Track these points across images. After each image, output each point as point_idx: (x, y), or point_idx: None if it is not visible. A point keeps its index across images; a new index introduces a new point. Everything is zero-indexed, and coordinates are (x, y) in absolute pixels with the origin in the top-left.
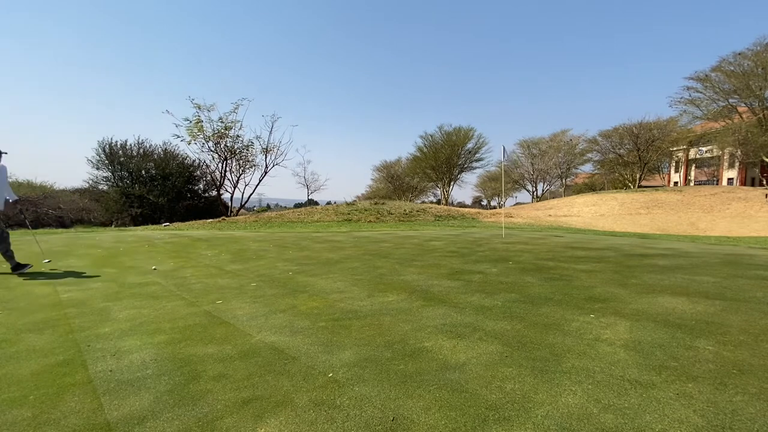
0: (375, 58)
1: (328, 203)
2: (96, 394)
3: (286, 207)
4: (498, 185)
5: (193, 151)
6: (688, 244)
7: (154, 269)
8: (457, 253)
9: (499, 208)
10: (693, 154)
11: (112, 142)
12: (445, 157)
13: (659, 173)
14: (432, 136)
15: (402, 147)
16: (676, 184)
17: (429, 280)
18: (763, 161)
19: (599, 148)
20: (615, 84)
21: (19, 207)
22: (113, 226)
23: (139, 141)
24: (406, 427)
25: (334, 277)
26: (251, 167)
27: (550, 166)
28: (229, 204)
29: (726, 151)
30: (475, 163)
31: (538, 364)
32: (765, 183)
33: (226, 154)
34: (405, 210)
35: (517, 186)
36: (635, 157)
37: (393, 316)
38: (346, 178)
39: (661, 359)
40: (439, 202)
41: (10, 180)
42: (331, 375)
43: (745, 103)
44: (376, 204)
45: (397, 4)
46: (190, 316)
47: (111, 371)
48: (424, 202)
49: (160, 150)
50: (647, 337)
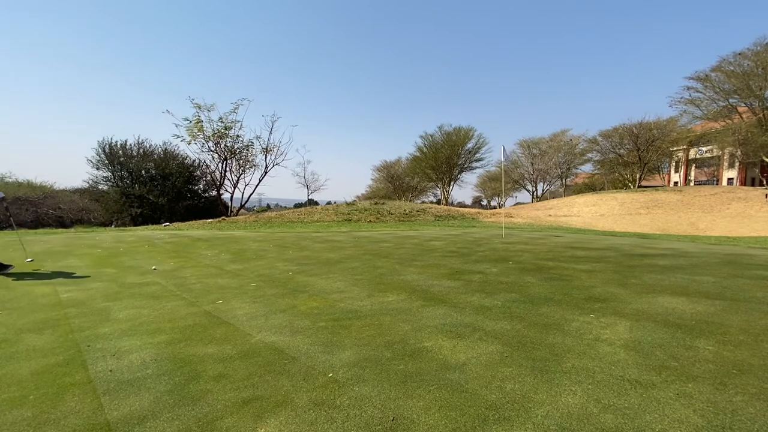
0: (375, 58)
1: (328, 203)
2: (96, 394)
3: (286, 207)
4: (498, 185)
5: (193, 151)
6: (688, 244)
7: (154, 269)
8: (457, 253)
9: (499, 208)
10: (693, 154)
11: (112, 142)
12: (445, 157)
13: (659, 173)
14: (432, 136)
15: (402, 147)
16: (676, 184)
17: (429, 280)
18: (763, 161)
19: (599, 148)
20: (615, 84)
21: (5, 204)
22: (113, 226)
23: (139, 141)
24: (406, 427)
25: (334, 277)
26: (251, 167)
27: (550, 166)
28: (229, 204)
29: (726, 151)
30: (475, 163)
31: (538, 364)
32: (765, 183)
33: (226, 154)
34: (405, 210)
35: (517, 186)
36: (635, 157)
37: (393, 316)
38: (346, 178)
39: (661, 359)
40: (439, 202)
41: (10, 180)
42: (331, 375)
43: (745, 103)
44: (376, 204)
45: (397, 4)
46: (190, 316)
47: (111, 371)
48: (424, 202)
49: (160, 150)
50: (647, 337)
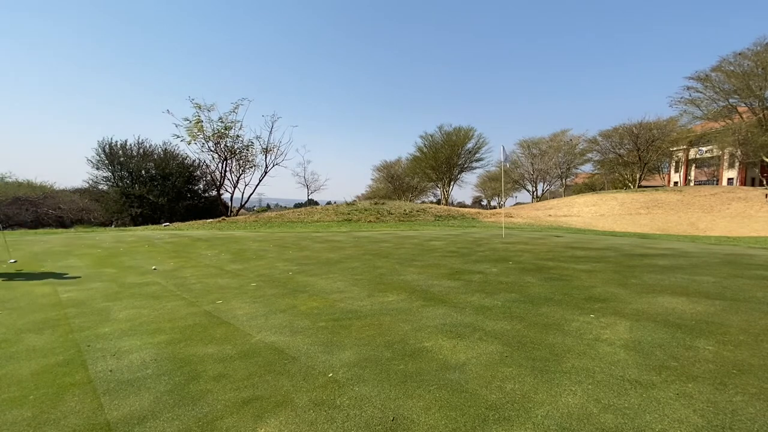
0: (375, 58)
1: (328, 203)
2: (96, 394)
3: (286, 207)
4: (498, 185)
5: (193, 151)
6: (688, 244)
7: (154, 269)
8: (457, 253)
9: (499, 208)
10: (693, 154)
11: (112, 142)
12: (445, 157)
13: (659, 173)
14: (432, 136)
15: (402, 147)
16: (676, 184)
17: (429, 280)
18: (763, 161)
19: (599, 148)
20: (615, 84)
21: None
22: (113, 226)
23: (139, 141)
24: (406, 427)
25: (334, 277)
26: (251, 167)
27: (550, 166)
28: (229, 204)
29: (726, 151)
30: (475, 163)
31: (538, 364)
32: (765, 183)
33: (226, 154)
34: (405, 210)
35: (517, 186)
36: (635, 157)
37: (393, 316)
38: (346, 178)
39: (661, 359)
40: (439, 202)
41: (10, 180)
42: (331, 375)
43: (745, 103)
44: (376, 204)
45: (397, 4)
46: (190, 316)
47: (111, 371)
48: (424, 202)
49: (160, 150)
50: (647, 337)
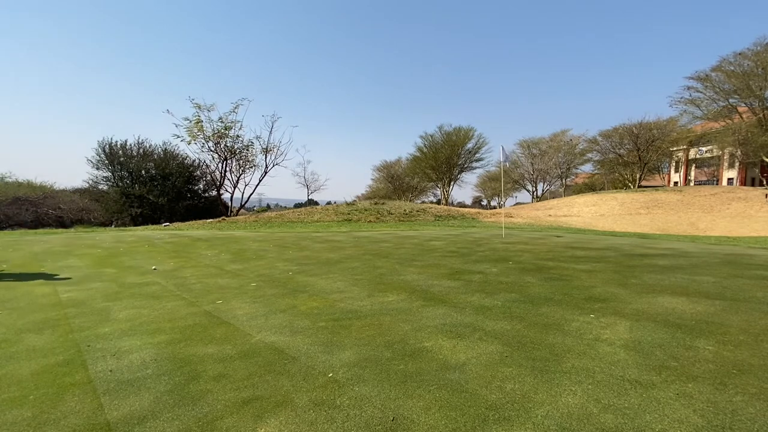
0: (375, 58)
1: (328, 203)
2: (96, 394)
3: (286, 207)
4: (498, 185)
5: (193, 151)
6: (688, 244)
7: (154, 269)
8: (457, 253)
9: (499, 208)
10: (693, 154)
11: (112, 142)
12: (445, 157)
13: (659, 173)
14: (432, 136)
15: (402, 147)
16: (676, 184)
17: (429, 280)
18: (763, 161)
19: (599, 148)
20: (615, 84)
21: None
22: (113, 226)
23: (139, 141)
24: (406, 427)
25: (334, 277)
26: (251, 167)
27: (550, 166)
28: (229, 204)
29: (726, 151)
30: (475, 163)
31: (538, 364)
32: (765, 183)
33: (226, 154)
34: (405, 210)
35: (517, 186)
36: (635, 157)
37: (393, 316)
38: (346, 178)
39: (661, 359)
40: (439, 202)
41: (10, 180)
42: (331, 375)
43: (745, 103)
44: (376, 204)
45: (397, 4)
46: (190, 316)
47: (111, 371)
48: (424, 202)
49: (160, 150)
50: (647, 337)
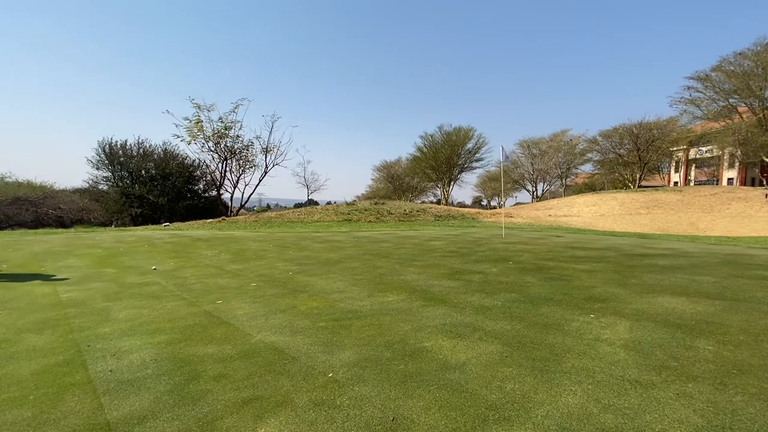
0: (375, 58)
1: (328, 203)
2: (96, 394)
3: (286, 207)
4: (498, 185)
5: (193, 151)
6: (688, 244)
7: (154, 269)
8: (457, 253)
9: (499, 208)
10: (693, 154)
11: (112, 142)
12: (445, 157)
13: (659, 173)
14: (432, 136)
15: (402, 147)
16: (676, 184)
17: (429, 280)
18: (763, 161)
19: (599, 148)
20: (615, 84)
21: None
22: (113, 226)
23: (139, 141)
24: (406, 427)
25: (334, 277)
26: (251, 167)
27: (550, 166)
28: (229, 204)
29: (726, 151)
30: (475, 163)
31: (538, 364)
32: (765, 183)
33: (226, 154)
34: (405, 210)
35: (517, 186)
36: (635, 157)
37: (393, 316)
38: (346, 178)
39: (661, 359)
40: (439, 202)
41: (10, 180)
42: (331, 375)
43: (745, 103)
44: (376, 204)
45: (397, 4)
46: (190, 316)
47: (111, 371)
48: (424, 202)
49: (160, 150)
50: (647, 337)
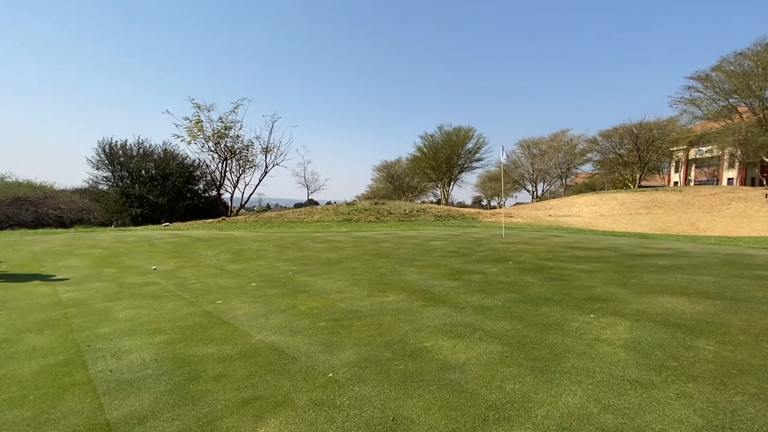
0: (375, 58)
1: (328, 203)
2: (96, 394)
3: (286, 207)
4: (498, 185)
5: (193, 151)
6: (688, 244)
7: (154, 269)
8: (457, 253)
9: (499, 208)
10: (693, 154)
11: (112, 142)
12: (445, 157)
13: (659, 173)
14: (432, 136)
15: (402, 147)
16: (676, 184)
17: (429, 280)
18: (763, 161)
19: (599, 148)
20: (615, 84)
21: None
22: (113, 226)
23: (139, 141)
24: (406, 427)
25: (334, 277)
26: (251, 167)
27: (550, 166)
28: (229, 204)
29: (726, 151)
30: (475, 163)
31: (538, 364)
32: (765, 183)
33: (226, 154)
34: (405, 210)
35: (517, 186)
36: (635, 157)
37: (393, 316)
38: (346, 178)
39: (661, 359)
40: (439, 202)
41: (10, 180)
42: (331, 375)
43: (745, 103)
44: (376, 204)
45: (397, 4)
46: (190, 316)
47: (111, 371)
48: (424, 202)
49: (160, 150)
50: (647, 337)
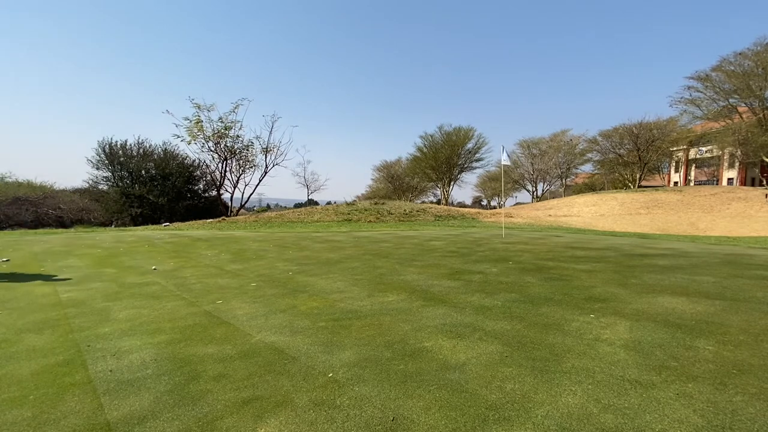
0: (375, 58)
1: (328, 203)
2: (96, 394)
3: (286, 207)
4: (498, 185)
5: (193, 151)
6: (688, 244)
7: (154, 269)
8: (457, 253)
9: (499, 208)
10: (693, 154)
11: (112, 142)
12: (445, 157)
13: (659, 173)
14: (432, 136)
15: (402, 147)
16: (676, 184)
17: (429, 280)
18: (763, 161)
19: (599, 148)
20: (615, 84)
21: None
22: (113, 226)
23: (139, 141)
24: (406, 427)
25: (334, 277)
26: (251, 167)
27: (550, 166)
28: (229, 204)
29: (726, 151)
30: (475, 163)
31: (538, 364)
32: (765, 183)
33: (226, 154)
34: (405, 210)
35: (517, 186)
36: (635, 157)
37: (393, 316)
38: (346, 178)
39: (661, 359)
40: (439, 202)
41: (10, 180)
42: (331, 375)
43: (745, 103)
44: (376, 204)
45: (397, 4)
46: (190, 316)
47: (111, 371)
48: (424, 202)
49: (160, 150)
50: (647, 337)
